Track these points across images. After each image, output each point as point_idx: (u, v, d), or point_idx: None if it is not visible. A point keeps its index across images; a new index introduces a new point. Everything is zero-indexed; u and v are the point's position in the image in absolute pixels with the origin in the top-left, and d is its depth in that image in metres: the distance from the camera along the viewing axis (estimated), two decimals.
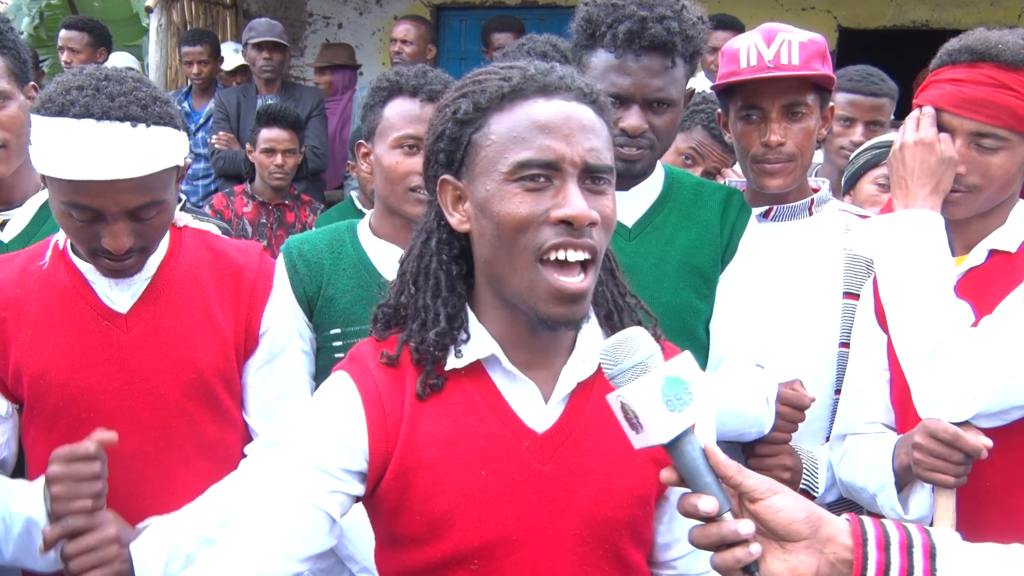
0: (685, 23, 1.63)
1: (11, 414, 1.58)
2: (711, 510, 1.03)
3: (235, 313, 1.62)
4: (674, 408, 1.03)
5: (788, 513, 1.03)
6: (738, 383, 1.71)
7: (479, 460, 1.18)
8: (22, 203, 1.85)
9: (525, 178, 1.11)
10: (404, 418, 1.18)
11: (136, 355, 1.54)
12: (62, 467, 1.40)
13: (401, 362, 1.21)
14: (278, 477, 1.18)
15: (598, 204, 1.13)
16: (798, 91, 1.84)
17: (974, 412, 1.49)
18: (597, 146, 1.14)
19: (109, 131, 1.37)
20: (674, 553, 1.32)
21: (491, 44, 5.03)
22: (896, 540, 1.02)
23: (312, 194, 4.67)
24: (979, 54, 1.62)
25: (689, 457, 1.05)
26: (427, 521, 1.18)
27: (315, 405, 1.22)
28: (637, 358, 1.06)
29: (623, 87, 1.65)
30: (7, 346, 1.53)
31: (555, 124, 1.12)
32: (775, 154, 1.86)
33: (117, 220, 1.42)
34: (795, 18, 6.33)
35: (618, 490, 1.22)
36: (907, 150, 1.64)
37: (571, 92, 1.15)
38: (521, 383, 1.21)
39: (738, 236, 1.78)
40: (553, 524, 1.19)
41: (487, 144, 1.14)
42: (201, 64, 5.13)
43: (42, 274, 1.56)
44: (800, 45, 1.82)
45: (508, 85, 1.14)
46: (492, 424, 1.19)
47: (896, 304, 1.60)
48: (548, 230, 1.11)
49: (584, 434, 1.22)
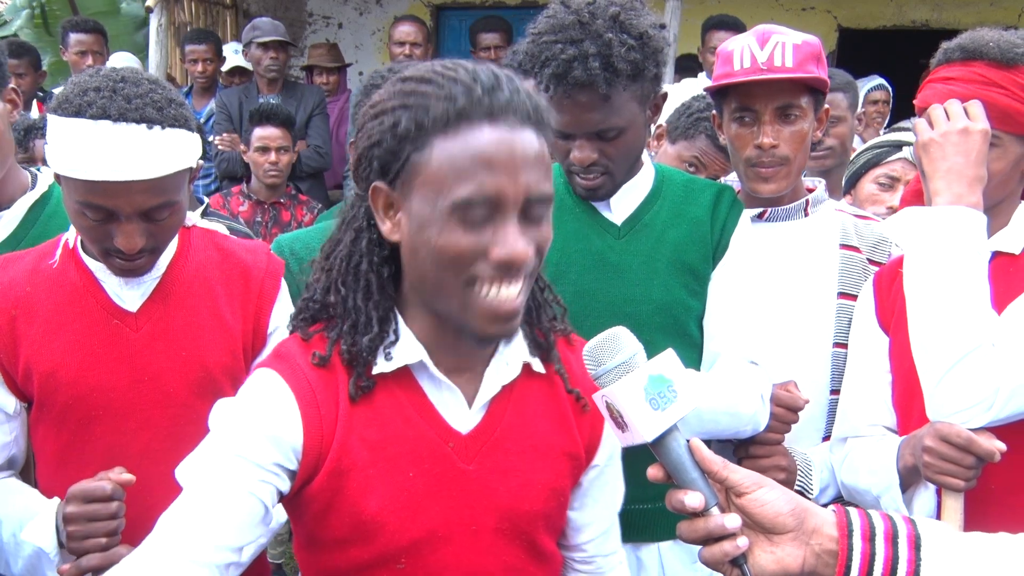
0: (614, 55, 1.55)
1: (20, 412, 1.59)
2: (698, 505, 1.04)
3: (243, 312, 1.62)
4: (658, 406, 1.03)
5: (774, 506, 1.04)
6: (733, 381, 1.71)
7: (407, 462, 1.19)
8: (9, 206, 1.82)
9: (467, 215, 1.08)
10: (338, 421, 1.17)
11: (145, 353, 1.55)
12: (78, 508, 1.41)
13: (331, 363, 1.20)
14: (210, 467, 1.14)
15: (536, 234, 1.12)
16: (791, 93, 1.84)
17: (988, 421, 1.47)
18: (538, 178, 1.10)
19: (125, 133, 1.38)
20: (585, 536, 1.38)
21: (479, 44, 5.03)
22: (881, 530, 1.03)
23: (316, 193, 4.67)
24: (971, 52, 1.61)
25: (675, 454, 1.06)
26: (355, 523, 1.18)
27: (244, 402, 1.18)
28: (620, 358, 1.06)
29: (562, 124, 1.60)
30: (17, 344, 1.54)
31: (499, 159, 1.07)
32: (768, 156, 1.86)
33: (131, 220, 1.44)
34: (795, 18, 6.34)
35: (536, 485, 1.25)
36: (949, 139, 1.55)
37: (517, 115, 1.09)
38: (447, 388, 1.22)
39: (729, 232, 1.78)
40: (475, 520, 1.22)
41: (428, 170, 1.09)
42: (205, 62, 5.14)
43: (52, 272, 1.57)
44: (794, 47, 1.81)
45: (453, 108, 1.08)
46: (419, 427, 1.20)
47: (925, 306, 1.54)
48: (483, 265, 1.09)
49: (506, 434, 1.24)
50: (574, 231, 1.76)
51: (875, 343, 1.76)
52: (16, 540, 1.48)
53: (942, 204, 1.54)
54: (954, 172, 1.54)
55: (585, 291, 1.72)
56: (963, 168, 1.54)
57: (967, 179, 1.54)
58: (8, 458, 1.59)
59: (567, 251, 1.73)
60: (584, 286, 1.72)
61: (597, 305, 1.71)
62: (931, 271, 1.52)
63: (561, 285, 1.71)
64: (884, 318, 1.76)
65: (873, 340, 1.77)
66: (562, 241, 1.73)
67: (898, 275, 1.77)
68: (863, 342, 1.79)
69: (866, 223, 2.03)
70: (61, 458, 1.56)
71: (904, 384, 1.68)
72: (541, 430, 1.26)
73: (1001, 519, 1.51)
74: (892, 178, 2.64)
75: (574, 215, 1.78)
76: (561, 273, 1.72)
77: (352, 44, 7.14)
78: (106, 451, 1.53)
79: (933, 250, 1.53)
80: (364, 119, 1.17)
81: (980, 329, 1.47)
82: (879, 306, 1.77)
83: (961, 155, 1.54)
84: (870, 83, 4.91)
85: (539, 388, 1.29)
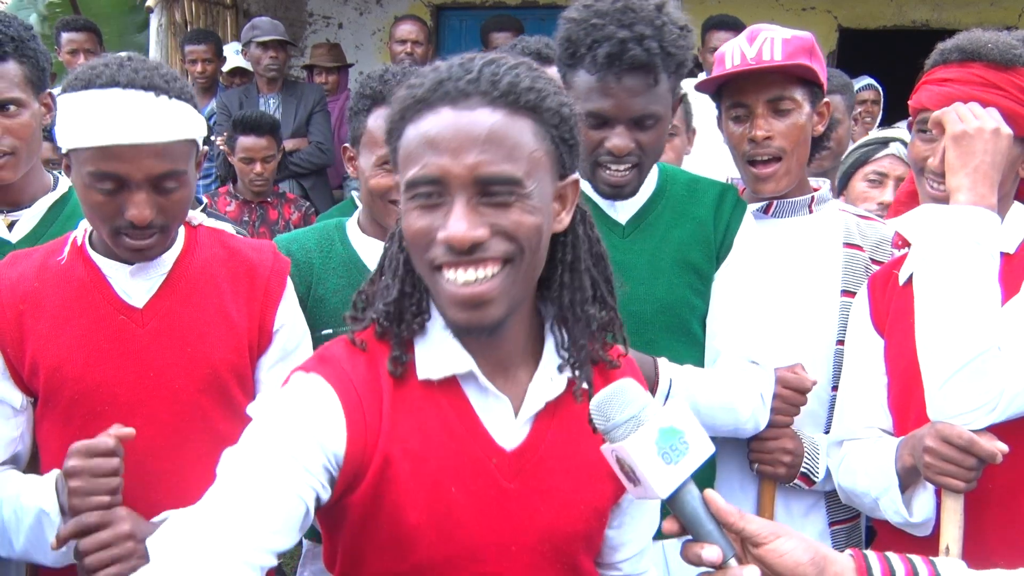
0: (666, 39, 1.59)
1: (25, 407, 1.59)
2: (715, 559, 1.02)
3: (249, 310, 1.63)
4: (671, 460, 1.01)
5: (793, 556, 1.02)
6: (732, 379, 1.71)
7: (449, 477, 1.17)
8: (31, 204, 1.88)
9: (419, 196, 1.09)
10: (382, 431, 1.15)
11: (151, 349, 1.56)
12: (81, 461, 1.41)
13: (371, 348, 1.19)
14: (260, 463, 1.09)
15: (500, 217, 1.08)
16: (781, 85, 1.84)
17: (990, 422, 1.47)
18: (493, 157, 1.06)
19: (134, 98, 1.43)
20: (622, 555, 1.36)
21: (490, 44, 5.03)
22: (901, 573, 1.01)
23: (320, 192, 4.67)
24: (969, 53, 1.61)
25: (690, 507, 1.04)
26: (393, 535, 1.17)
27: (289, 402, 1.15)
28: (629, 412, 1.04)
29: (606, 108, 1.62)
30: (24, 339, 1.55)
31: (443, 138, 1.07)
32: (763, 148, 1.86)
33: (140, 188, 1.45)
34: (795, 18, 6.33)
35: (577, 505, 1.23)
36: (982, 136, 1.53)
37: (484, 96, 1.08)
38: (493, 397, 1.20)
39: (733, 232, 1.78)
40: (515, 540, 1.19)
41: (400, 156, 1.14)
42: (205, 62, 5.13)
43: (60, 269, 1.58)
44: (783, 41, 1.82)
45: (420, 94, 1.11)
46: (463, 440, 1.18)
47: (937, 306, 1.51)
48: (438, 249, 1.09)
49: (549, 452, 1.22)
50: None
51: (870, 345, 1.76)
52: (17, 516, 1.47)
53: (963, 202, 1.53)
54: (980, 171, 1.53)
55: None
56: (988, 169, 1.53)
57: (991, 180, 1.53)
58: (14, 454, 1.59)
59: None
60: None
61: None
62: (946, 271, 1.51)
63: None
64: (879, 320, 1.75)
65: (868, 342, 1.76)
66: None
67: (892, 277, 1.77)
68: (858, 345, 1.79)
69: (869, 223, 2.03)
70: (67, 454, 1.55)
71: (900, 386, 1.68)
72: (584, 449, 1.21)
73: (1001, 521, 1.52)
74: (880, 174, 2.64)
75: None
76: None
77: (352, 44, 7.12)
78: None
79: (951, 250, 1.51)
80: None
81: (989, 333, 1.47)
82: (873, 308, 1.77)
83: (989, 154, 1.53)
84: (859, 83, 4.91)
85: (583, 406, 1.24)
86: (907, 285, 1.69)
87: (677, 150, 2.87)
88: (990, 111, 1.56)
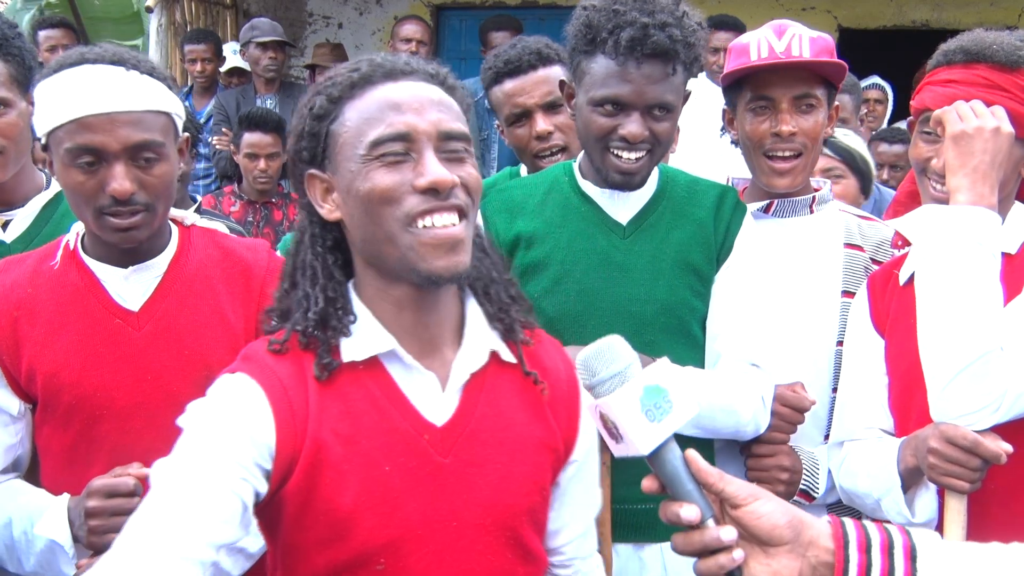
0: (686, 30, 1.63)
1: (24, 413, 1.59)
2: (693, 518, 1.03)
3: (245, 310, 1.63)
4: (654, 418, 1.02)
5: (770, 518, 1.03)
6: (733, 381, 1.71)
7: (381, 456, 1.18)
8: (24, 204, 1.87)
9: (385, 155, 1.15)
10: (310, 416, 1.17)
11: (148, 352, 1.55)
12: (100, 503, 1.42)
13: (292, 352, 1.21)
14: (189, 463, 1.11)
15: (459, 171, 1.18)
16: (809, 83, 1.84)
17: (994, 423, 1.47)
18: (448, 116, 1.19)
19: (104, 71, 1.47)
20: (563, 539, 1.36)
21: (489, 43, 5.04)
22: (877, 542, 1.02)
23: None
24: (974, 54, 1.60)
25: (671, 465, 1.04)
26: (331, 522, 1.16)
27: (215, 403, 1.17)
28: (615, 368, 1.04)
29: (624, 94, 1.64)
30: (20, 346, 1.54)
31: (404, 100, 1.17)
32: (786, 143, 1.85)
33: (119, 159, 1.47)
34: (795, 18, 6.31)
35: (516, 478, 1.24)
36: (981, 135, 1.52)
37: (418, 75, 1.22)
38: (418, 374, 1.21)
39: (733, 234, 1.78)
40: (456, 516, 1.20)
41: (344, 131, 1.18)
42: (204, 62, 5.13)
43: (53, 274, 1.57)
44: (811, 39, 1.83)
45: (357, 75, 1.20)
46: (393, 419, 1.19)
47: (940, 307, 1.50)
48: (413, 199, 1.15)
49: (481, 424, 1.23)
50: (579, 230, 1.76)
51: (870, 346, 1.75)
52: (27, 537, 1.47)
53: (963, 202, 1.52)
54: (980, 171, 1.52)
55: (590, 290, 1.72)
56: (988, 168, 1.52)
57: (991, 180, 1.52)
58: (14, 460, 1.59)
59: (572, 250, 1.73)
60: (589, 285, 1.72)
61: (601, 304, 1.71)
62: (948, 272, 1.50)
63: (566, 284, 1.72)
64: (879, 321, 1.75)
65: (868, 343, 1.76)
66: (567, 240, 1.74)
67: (892, 277, 1.76)
68: (858, 345, 1.79)
69: (870, 224, 2.03)
70: (67, 458, 1.56)
71: (901, 386, 1.68)
72: (518, 421, 1.25)
73: (1003, 520, 1.51)
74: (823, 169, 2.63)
75: (579, 214, 1.77)
76: (566, 272, 1.72)
77: (352, 44, 7.12)
78: (111, 451, 1.53)
79: (951, 251, 1.50)
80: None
81: (992, 333, 1.46)
82: (873, 309, 1.77)
83: (989, 154, 1.52)
84: (865, 82, 4.92)
85: (512, 379, 1.28)
86: (907, 285, 1.69)
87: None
88: (994, 109, 1.55)
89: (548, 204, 1.78)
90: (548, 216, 1.78)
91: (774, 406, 1.77)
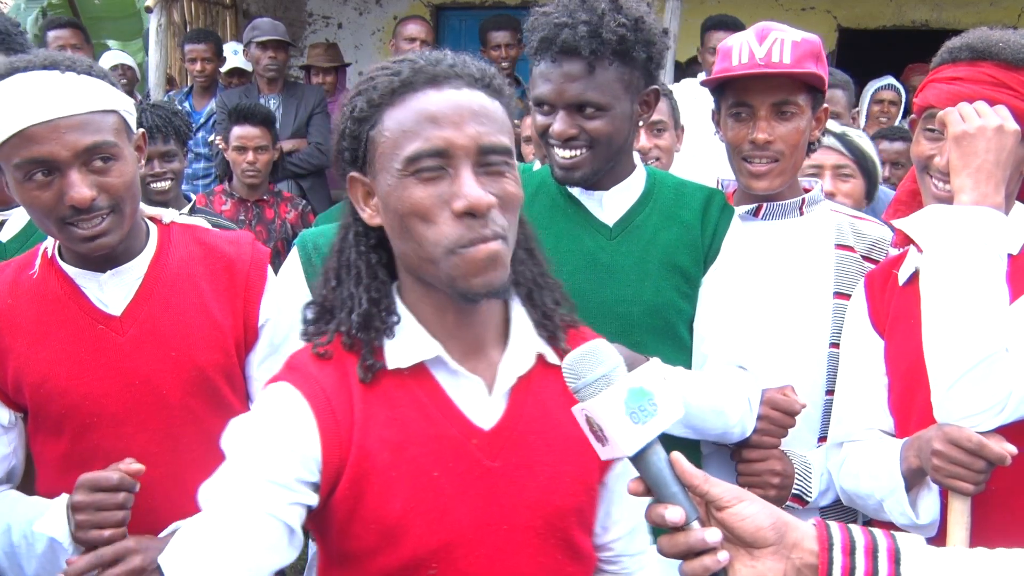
0: (603, 26, 1.60)
1: (15, 423, 1.57)
2: (678, 520, 1.03)
3: (231, 307, 1.60)
4: (639, 420, 1.02)
5: (754, 520, 1.03)
6: (719, 383, 1.71)
7: (430, 462, 1.17)
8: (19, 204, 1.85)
9: (420, 170, 1.12)
10: (355, 424, 1.16)
11: (134, 357, 1.54)
12: (86, 496, 1.41)
13: (337, 356, 1.20)
14: (234, 491, 1.13)
15: (498, 186, 1.14)
16: (788, 90, 1.83)
17: (999, 424, 1.46)
18: (490, 129, 1.14)
19: (38, 78, 1.41)
20: (612, 536, 1.36)
21: (489, 43, 5.04)
22: (861, 544, 1.02)
23: (318, 192, 4.66)
24: (980, 52, 1.59)
25: (655, 467, 1.05)
26: (381, 529, 1.16)
27: (258, 419, 1.17)
28: (600, 371, 1.05)
29: (545, 93, 1.67)
30: (4, 357, 1.52)
31: (443, 113, 1.12)
32: (761, 151, 1.85)
33: (71, 166, 1.42)
34: (795, 18, 6.33)
35: (564, 479, 1.24)
36: (984, 135, 1.51)
37: (462, 79, 1.16)
38: (464, 379, 1.21)
39: (720, 236, 1.78)
40: (506, 519, 1.20)
41: (382, 140, 1.15)
42: (205, 62, 5.13)
43: (33, 283, 1.55)
44: (793, 44, 1.81)
45: (398, 80, 1.15)
46: (440, 424, 1.19)
47: (945, 308, 1.49)
48: (450, 228, 1.11)
49: (529, 427, 1.23)
50: (566, 231, 1.76)
51: (869, 346, 1.75)
52: (28, 541, 1.47)
53: (967, 202, 1.51)
54: (984, 171, 1.51)
55: (576, 291, 1.70)
56: (992, 168, 1.51)
57: (995, 179, 1.52)
58: (8, 470, 1.58)
59: (559, 250, 1.73)
60: (575, 286, 1.70)
61: (588, 305, 1.69)
62: (953, 273, 1.49)
63: None
64: (878, 321, 1.74)
65: (867, 343, 1.75)
66: (554, 240, 1.73)
67: (891, 277, 1.76)
68: (856, 345, 1.78)
69: (864, 222, 2.02)
70: (62, 465, 1.55)
71: (901, 387, 1.67)
72: (564, 423, 1.22)
73: (1003, 521, 1.51)
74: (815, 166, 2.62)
75: (566, 215, 1.78)
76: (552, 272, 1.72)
77: (352, 44, 7.13)
78: (106, 456, 1.51)
79: (957, 251, 1.50)
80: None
81: (997, 334, 1.46)
82: (872, 309, 1.76)
83: (992, 153, 1.51)
84: (880, 83, 4.91)
85: (557, 379, 1.25)
86: (908, 285, 1.68)
87: (666, 146, 2.87)
88: (999, 108, 1.55)
89: (535, 205, 1.78)
90: (535, 217, 1.76)
91: (764, 410, 1.77)
